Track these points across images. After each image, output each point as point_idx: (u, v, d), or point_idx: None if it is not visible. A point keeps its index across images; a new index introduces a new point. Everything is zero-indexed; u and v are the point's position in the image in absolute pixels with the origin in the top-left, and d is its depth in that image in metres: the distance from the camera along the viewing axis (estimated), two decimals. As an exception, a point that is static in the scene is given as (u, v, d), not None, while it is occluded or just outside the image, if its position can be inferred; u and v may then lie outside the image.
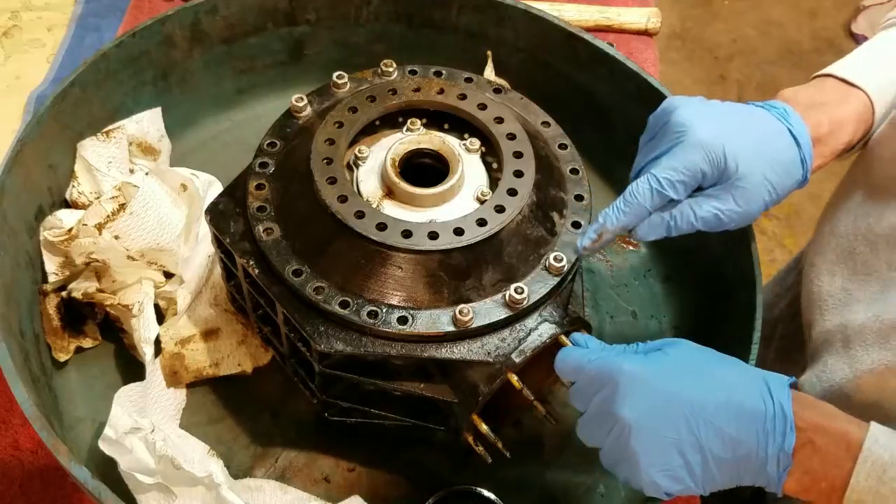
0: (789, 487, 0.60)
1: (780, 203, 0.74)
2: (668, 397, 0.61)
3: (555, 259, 0.73)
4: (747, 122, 0.74)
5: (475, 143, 0.80)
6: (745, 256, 0.85)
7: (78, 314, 0.88)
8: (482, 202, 0.75)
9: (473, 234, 0.71)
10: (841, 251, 0.78)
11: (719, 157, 0.70)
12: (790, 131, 0.73)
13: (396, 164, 0.76)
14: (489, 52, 1.08)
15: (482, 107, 0.81)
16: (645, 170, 0.74)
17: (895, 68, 0.78)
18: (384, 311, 0.69)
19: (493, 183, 0.78)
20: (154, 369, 0.85)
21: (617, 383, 0.62)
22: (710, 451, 0.60)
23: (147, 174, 0.91)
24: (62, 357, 0.87)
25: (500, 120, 0.80)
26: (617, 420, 0.62)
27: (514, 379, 0.69)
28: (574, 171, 0.80)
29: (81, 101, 0.94)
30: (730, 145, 0.70)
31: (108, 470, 0.74)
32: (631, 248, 1.03)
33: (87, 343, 0.89)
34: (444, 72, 0.86)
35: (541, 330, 0.71)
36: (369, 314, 0.69)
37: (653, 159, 0.74)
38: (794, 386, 0.63)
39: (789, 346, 1.01)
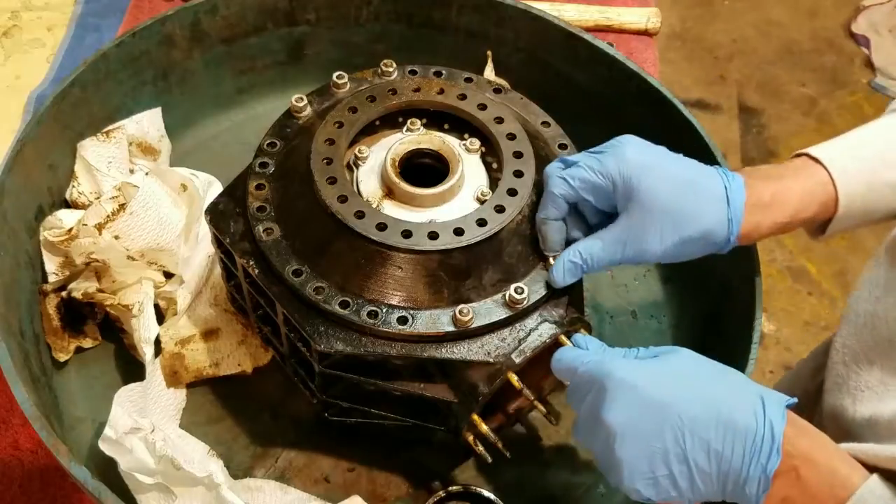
0: None
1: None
2: (656, 406, 0.60)
3: (554, 258, 0.73)
4: (683, 161, 0.74)
5: (475, 143, 0.80)
6: (745, 256, 0.85)
7: (78, 314, 0.88)
8: (482, 202, 0.75)
9: (473, 234, 0.71)
10: (881, 339, 0.73)
11: (627, 180, 0.70)
12: (725, 189, 0.71)
13: (396, 164, 0.76)
14: (489, 52, 1.08)
15: (482, 107, 0.81)
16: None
17: (875, 156, 0.74)
18: (384, 311, 0.69)
19: (493, 183, 0.78)
20: (154, 369, 0.85)
21: (605, 388, 0.62)
22: (695, 464, 0.59)
23: (147, 174, 0.91)
24: (62, 357, 0.87)
25: (500, 120, 0.80)
26: (603, 425, 0.62)
27: (514, 379, 0.69)
28: (574, 171, 0.80)
29: (81, 101, 0.94)
30: (645, 175, 0.70)
31: (108, 470, 0.74)
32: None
33: (87, 343, 0.89)
34: (444, 72, 0.86)
35: (541, 330, 0.71)
36: (369, 314, 0.69)
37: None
38: (795, 407, 0.61)
39: None
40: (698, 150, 0.91)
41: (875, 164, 0.73)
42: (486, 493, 0.80)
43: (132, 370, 0.87)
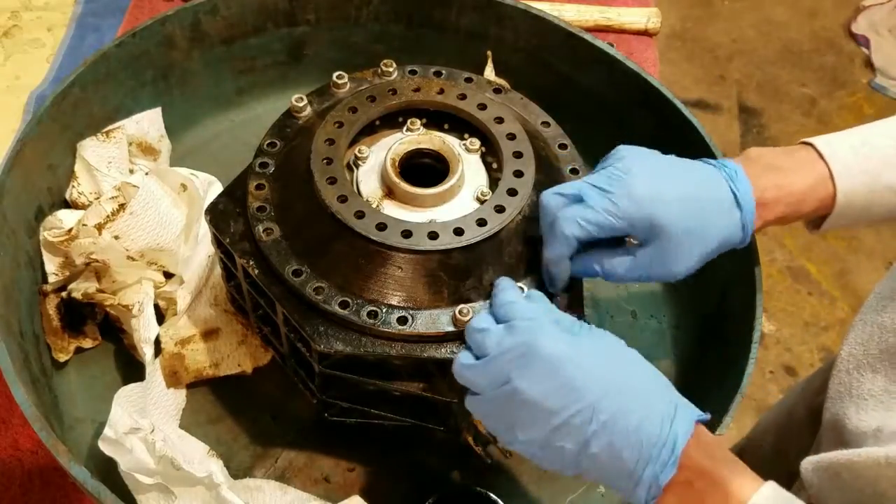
0: None
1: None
2: (568, 381, 0.60)
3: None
4: (689, 178, 0.73)
5: (475, 143, 0.80)
6: (746, 256, 0.85)
7: (78, 314, 0.88)
8: (482, 202, 0.75)
9: (473, 234, 0.71)
10: (887, 347, 0.73)
11: (646, 219, 0.69)
12: (734, 195, 0.71)
13: (396, 164, 0.76)
14: (489, 52, 1.08)
15: (482, 107, 0.81)
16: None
17: (878, 156, 0.74)
18: (384, 311, 0.69)
19: (493, 183, 0.78)
20: (154, 369, 0.85)
21: (529, 356, 0.61)
22: (591, 452, 0.59)
23: (147, 174, 0.91)
24: (62, 357, 0.87)
25: (500, 120, 0.80)
26: (515, 391, 0.61)
27: (514, 379, 0.69)
28: (574, 171, 0.80)
29: (81, 101, 0.94)
30: (662, 209, 0.69)
31: (108, 470, 0.74)
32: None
33: (87, 343, 0.89)
34: (444, 72, 0.86)
35: (541, 330, 0.71)
36: (369, 314, 0.69)
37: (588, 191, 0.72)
38: (707, 423, 0.61)
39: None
40: (698, 150, 0.91)
41: (877, 165, 0.73)
42: (487, 493, 0.80)
43: (132, 370, 0.87)
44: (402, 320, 0.69)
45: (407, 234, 0.71)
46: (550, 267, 0.72)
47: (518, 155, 0.77)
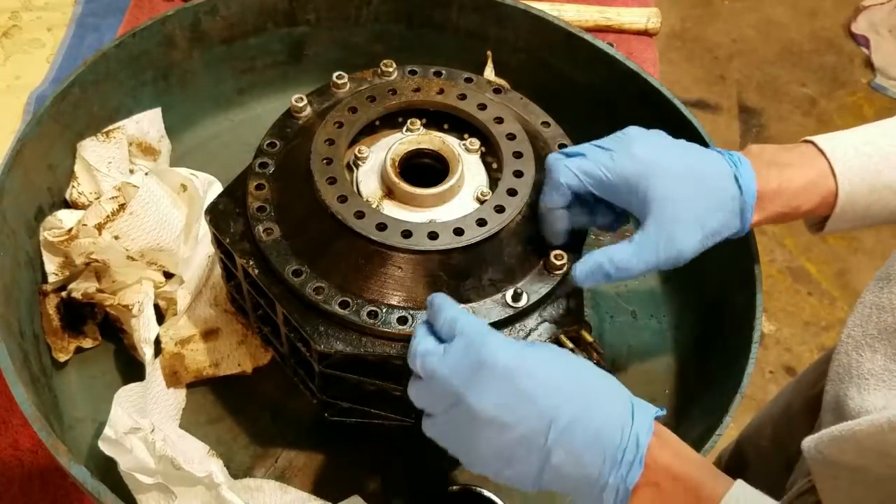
0: None
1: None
2: (520, 394, 0.58)
3: (555, 258, 0.73)
4: (693, 154, 0.73)
5: (475, 143, 0.80)
6: (746, 256, 0.85)
7: (78, 314, 0.88)
8: (482, 202, 0.75)
9: (473, 235, 0.71)
10: (885, 327, 0.73)
11: (647, 182, 0.69)
12: (736, 178, 0.71)
13: (396, 164, 0.76)
14: (489, 52, 1.08)
15: (482, 107, 0.81)
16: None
17: (880, 156, 0.74)
18: (384, 311, 0.69)
19: (493, 183, 0.78)
20: (154, 369, 0.85)
21: (478, 365, 0.59)
22: (553, 463, 0.58)
23: (147, 174, 0.91)
24: (62, 357, 0.87)
25: (500, 120, 0.80)
26: (462, 404, 0.59)
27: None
28: (574, 171, 0.80)
29: (81, 101, 0.94)
30: (660, 174, 0.69)
31: (108, 470, 0.74)
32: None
33: (87, 343, 0.89)
34: (444, 72, 0.86)
35: (540, 330, 0.71)
36: (369, 314, 0.69)
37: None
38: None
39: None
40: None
41: (879, 164, 0.73)
42: (487, 493, 0.80)
43: (132, 370, 0.87)
44: (402, 320, 0.69)
45: (407, 234, 0.71)
46: (545, 214, 0.72)
47: (518, 155, 0.77)
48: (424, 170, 0.78)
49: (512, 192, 0.74)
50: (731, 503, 0.56)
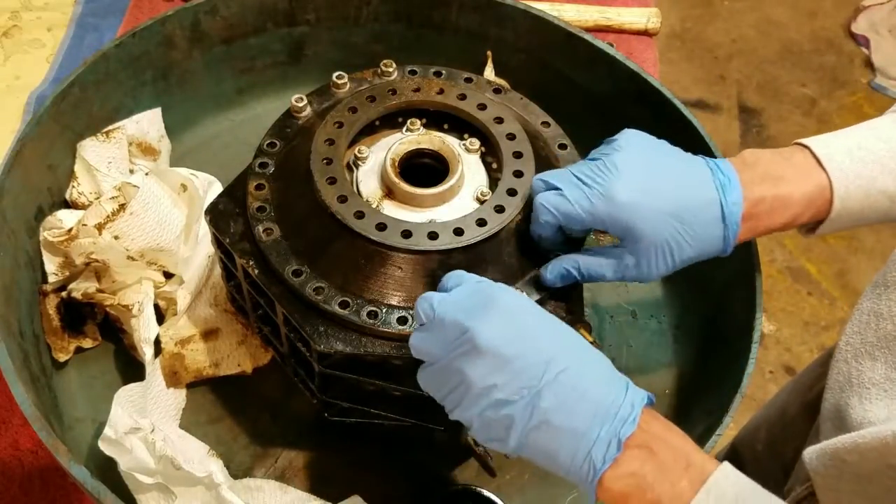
0: (610, 487, 0.57)
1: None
2: (534, 340, 0.58)
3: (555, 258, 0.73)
4: (677, 183, 0.71)
5: (475, 143, 0.80)
6: (746, 256, 0.85)
7: (78, 314, 0.88)
8: (482, 202, 0.75)
9: (473, 235, 0.71)
10: (885, 335, 0.73)
11: (624, 224, 0.69)
12: (721, 206, 0.70)
13: (396, 164, 0.76)
14: (489, 52, 1.08)
15: (482, 107, 0.81)
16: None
17: (875, 161, 0.73)
18: (384, 311, 0.69)
19: (493, 183, 0.78)
20: (154, 369, 0.85)
21: (491, 302, 0.59)
22: (543, 413, 0.57)
23: (147, 174, 0.91)
24: (62, 357, 0.87)
25: (499, 120, 0.80)
26: (468, 334, 0.58)
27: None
28: (574, 171, 0.80)
29: (81, 101, 0.94)
30: (639, 219, 0.68)
31: (108, 470, 0.74)
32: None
33: (87, 343, 0.89)
34: (443, 72, 0.86)
35: (541, 330, 0.71)
36: (369, 314, 0.69)
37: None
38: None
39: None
40: (698, 150, 0.90)
41: (873, 170, 0.72)
42: (487, 493, 0.80)
43: (132, 370, 0.87)
44: (402, 320, 0.69)
45: (407, 234, 0.71)
46: (538, 241, 0.73)
47: (518, 155, 0.77)
48: (424, 170, 0.78)
49: (512, 192, 0.74)
50: (722, 475, 0.56)
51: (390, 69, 0.85)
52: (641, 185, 0.69)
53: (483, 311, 0.59)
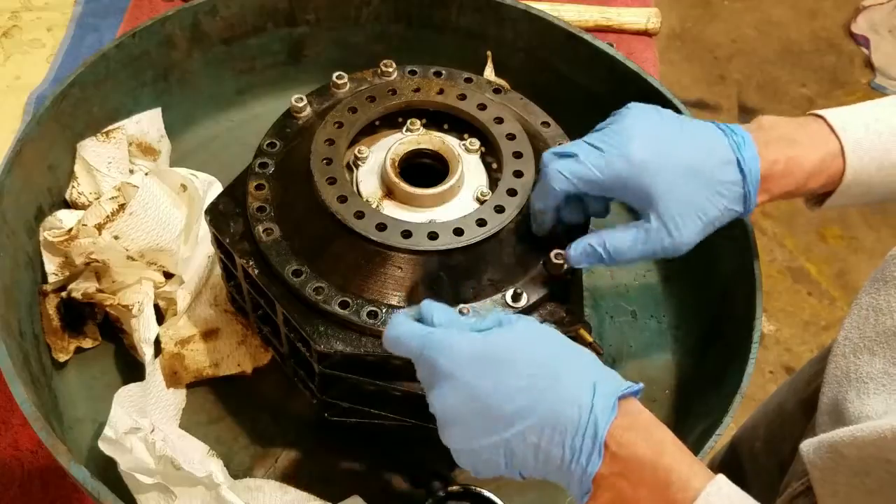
0: None
1: (779, 203, 0.72)
2: (477, 395, 0.56)
3: (555, 258, 0.73)
4: (692, 143, 0.71)
5: (475, 143, 0.80)
6: (746, 256, 0.85)
7: (78, 314, 0.88)
8: (482, 202, 0.75)
9: (473, 235, 0.71)
10: (884, 330, 0.72)
11: (646, 186, 0.68)
12: (738, 163, 0.70)
13: (396, 164, 0.76)
14: (489, 52, 1.08)
15: (482, 107, 0.81)
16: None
17: (890, 133, 0.73)
18: (384, 311, 0.69)
19: (493, 183, 0.78)
20: (154, 369, 0.85)
21: (435, 370, 0.58)
22: (518, 457, 0.56)
23: (147, 174, 0.91)
24: (62, 357, 0.87)
25: (499, 120, 0.80)
26: (432, 408, 0.59)
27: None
28: (574, 172, 0.80)
29: (81, 102, 0.94)
30: (658, 177, 0.68)
31: (108, 470, 0.74)
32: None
33: (87, 343, 0.89)
34: (443, 72, 0.86)
35: (541, 330, 0.71)
36: (369, 314, 0.69)
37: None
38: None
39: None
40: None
41: (888, 142, 0.72)
42: (486, 493, 0.80)
43: (132, 370, 0.87)
44: (402, 320, 0.69)
45: (407, 234, 0.71)
46: (536, 213, 0.72)
47: (518, 155, 0.77)
48: (424, 170, 0.78)
49: (512, 192, 0.74)
50: (715, 488, 0.54)
51: (390, 69, 0.85)
52: (656, 146, 0.69)
53: (431, 381, 0.59)
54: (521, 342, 0.59)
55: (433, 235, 0.71)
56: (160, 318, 0.90)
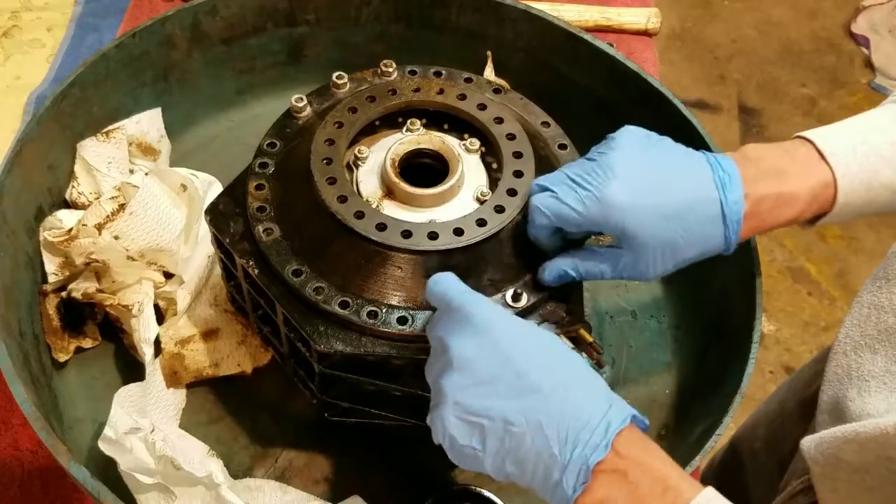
0: None
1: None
2: (505, 360, 0.58)
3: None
4: (677, 182, 0.70)
5: (475, 143, 0.80)
6: (746, 257, 0.85)
7: (78, 314, 0.88)
8: (482, 202, 0.75)
9: (473, 235, 0.71)
10: (885, 328, 0.72)
11: (620, 227, 0.68)
12: (721, 205, 0.69)
13: (396, 164, 0.76)
14: (489, 52, 1.08)
15: (482, 107, 0.81)
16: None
17: (876, 153, 0.72)
18: (384, 311, 0.69)
19: (493, 183, 0.78)
20: (154, 369, 0.85)
21: (468, 319, 0.60)
22: (510, 434, 0.57)
23: (147, 174, 0.91)
24: (62, 357, 0.87)
25: (499, 120, 0.80)
26: (447, 351, 0.59)
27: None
28: (574, 172, 0.80)
29: (81, 102, 0.94)
30: (635, 221, 0.68)
31: (108, 470, 0.74)
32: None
33: (87, 343, 0.89)
34: (443, 72, 0.86)
35: (541, 330, 0.71)
36: (369, 314, 0.69)
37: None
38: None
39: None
40: (698, 150, 0.90)
41: (876, 164, 0.72)
42: (486, 493, 0.80)
43: (132, 370, 0.87)
44: (402, 320, 0.69)
45: (407, 234, 0.71)
46: (535, 242, 0.73)
47: (518, 155, 0.77)
48: (424, 170, 0.78)
49: (512, 193, 0.74)
50: (704, 500, 0.54)
51: (390, 69, 0.85)
52: (637, 186, 0.68)
53: (460, 329, 0.60)
54: (555, 340, 0.62)
55: (433, 235, 0.71)
56: (160, 318, 0.90)
